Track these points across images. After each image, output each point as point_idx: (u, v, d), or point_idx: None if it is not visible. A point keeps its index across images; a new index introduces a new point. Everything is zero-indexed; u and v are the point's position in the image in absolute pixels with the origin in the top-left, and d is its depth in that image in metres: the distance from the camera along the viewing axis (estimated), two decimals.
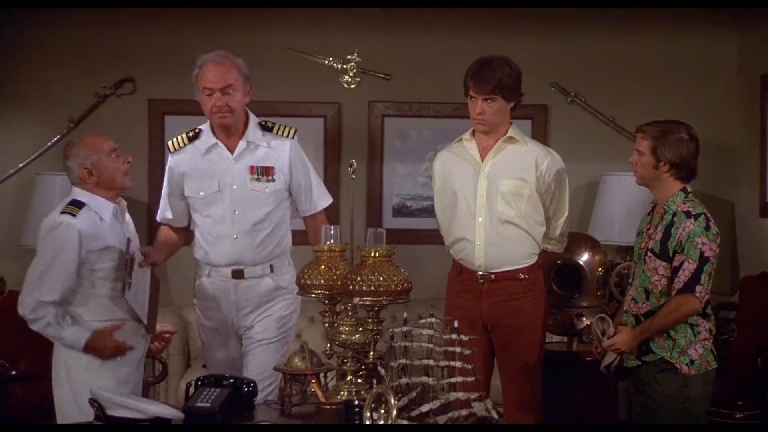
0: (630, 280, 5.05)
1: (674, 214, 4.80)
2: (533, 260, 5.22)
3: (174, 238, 5.30)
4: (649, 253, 4.81)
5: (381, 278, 3.97)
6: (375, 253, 4.02)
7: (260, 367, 5.00)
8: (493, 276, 5.11)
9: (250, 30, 7.57)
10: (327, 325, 4.24)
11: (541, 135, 7.64)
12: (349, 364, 4.13)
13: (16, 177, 7.49)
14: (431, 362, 3.86)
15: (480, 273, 5.12)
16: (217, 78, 4.95)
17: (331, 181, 7.68)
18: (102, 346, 4.54)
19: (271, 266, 5.17)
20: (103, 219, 4.63)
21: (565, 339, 6.27)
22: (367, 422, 3.83)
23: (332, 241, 4.23)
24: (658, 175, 4.86)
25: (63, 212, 4.57)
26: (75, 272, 4.55)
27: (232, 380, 4.38)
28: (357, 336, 4.07)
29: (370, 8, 7.28)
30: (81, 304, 4.61)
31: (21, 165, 7.46)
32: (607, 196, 7.43)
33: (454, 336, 3.82)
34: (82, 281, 4.60)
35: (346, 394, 4.08)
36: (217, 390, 4.29)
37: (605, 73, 7.86)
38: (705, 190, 7.85)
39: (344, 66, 7.47)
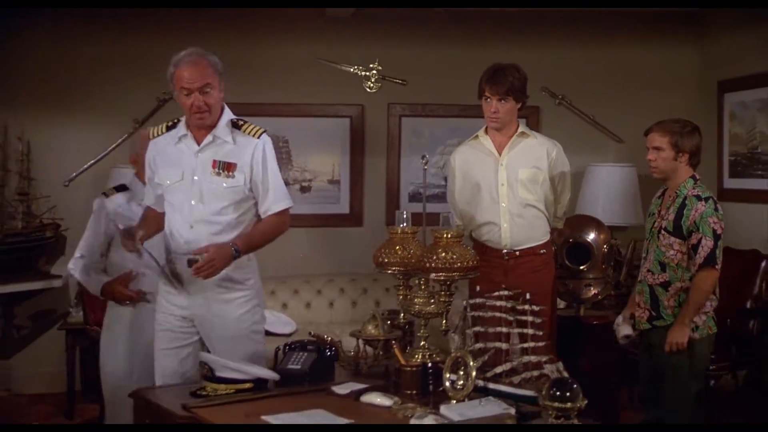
0: (644, 255, 4.90)
1: (685, 198, 4.75)
2: (548, 237, 5.16)
3: (159, 215, 4.51)
4: (663, 232, 4.74)
5: (453, 256, 3.74)
6: (447, 235, 3.78)
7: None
8: (517, 253, 5.01)
9: (288, 41, 7.42)
10: (401, 297, 3.98)
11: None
12: (422, 331, 3.88)
13: (91, 170, 7.19)
14: (504, 329, 3.64)
15: (505, 251, 4.99)
16: (195, 77, 4.24)
17: (356, 171, 7.59)
18: (113, 291, 4.64)
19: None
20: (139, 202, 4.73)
21: (574, 305, 6.08)
22: (447, 383, 3.60)
23: (405, 224, 3.99)
24: (677, 166, 4.81)
25: (102, 193, 5.03)
26: (101, 239, 4.90)
27: (315, 345, 4.14)
28: (431, 307, 3.83)
29: (389, 24, 7.15)
30: (109, 262, 4.91)
31: (93, 161, 7.18)
32: (590, 184, 7.34)
33: (526, 306, 3.61)
34: (110, 246, 4.89)
35: (420, 357, 3.83)
36: (305, 354, 4.07)
37: (587, 79, 7.74)
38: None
39: (367, 73, 7.32)
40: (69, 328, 6.69)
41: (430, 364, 3.80)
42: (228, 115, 4.41)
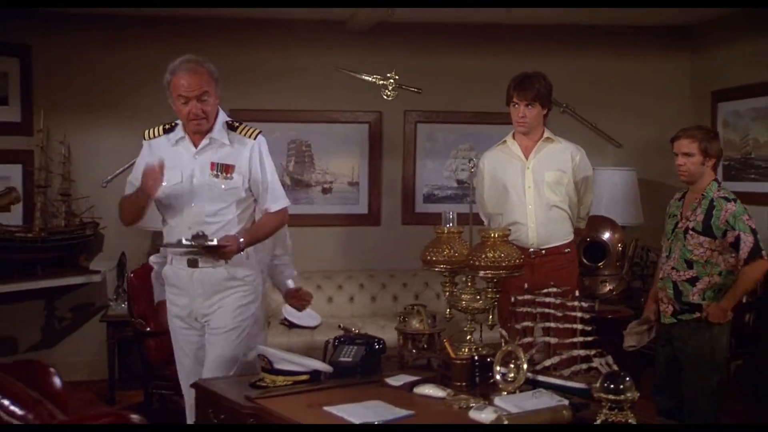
0: (665, 254, 4.83)
1: (712, 200, 4.68)
2: (572, 237, 5.09)
3: None
4: (691, 232, 4.67)
5: (501, 255, 3.65)
6: (494, 234, 3.69)
7: (217, 355, 4.19)
8: (543, 251, 4.94)
9: (311, 52, 7.38)
10: (447, 293, 3.88)
11: None
12: (468, 326, 3.79)
13: (127, 172, 6.96)
14: (552, 324, 3.56)
15: (532, 249, 4.90)
16: (193, 86, 4.04)
17: (374, 174, 7.53)
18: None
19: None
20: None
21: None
22: (498, 376, 3.52)
23: (451, 224, 3.88)
24: (703, 170, 4.74)
25: None
26: None
27: (364, 338, 4.04)
28: (479, 303, 3.74)
29: (405, 37, 7.14)
30: None
31: (128, 164, 6.95)
32: (594, 186, 7.18)
33: (576, 303, 3.53)
34: None
35: (466, 351, 3.74)
36: (355, 347, 3.95)
37: (589, 89, 7.68)
38: (664, 180, 7.74)
39: (384, 82, 7.24)
40: (110, 320, 6.60)
41: (476, 357, 3.72)
42: (222, 117, 4.23)
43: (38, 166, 6.88)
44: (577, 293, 3.60)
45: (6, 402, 2.42)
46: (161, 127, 4.29)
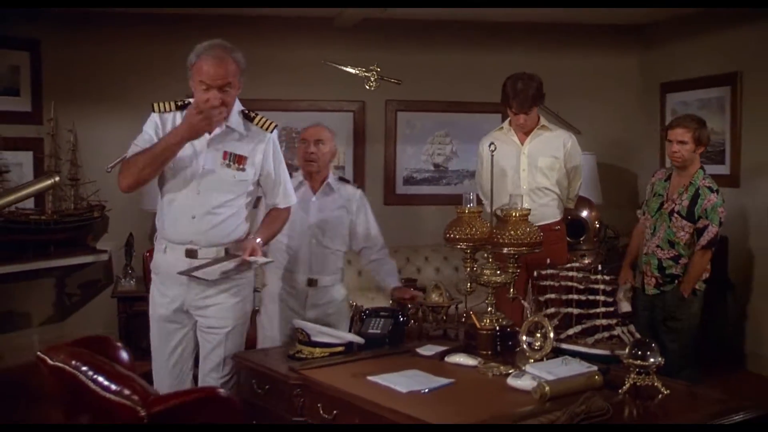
0: (650, 231, 4.77)
1: (698, 188, 4.66)
2: (561, 215, 5.02)
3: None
4: (676, 215, 4.65)
5: (521, 233, 3.52)
6: (515, 214, 3.56)
7: (218, 355, 3.66)
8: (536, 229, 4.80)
9: (301, 46, 7.18)
10: (468, 269, 3.73)
11: None
12: (489, 298, 3.66)
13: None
14: (575, 296, 3.45)
15: None
16: (218, 76, 3.46)
17: (358, 158, 7.39)
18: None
19: (226, 250, 3.63)
20: None
21: None
22: (524, 345, 3.39)
23: (471, 204, 3.73)
24: (694, 156, 4.73)
25: None
26: None
27: (388, 311, 3.89)
28: (501, 277, 3.60)
29: (387, 32, 7.00)
30: None
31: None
32: None
33: (599, 276, 3.42)
34: None
35: (488, 322, 3.61)
36: (381, 320, 3.79)
37: (552, 81, 7.31)
38: (620, 164, 7.75)
39: (368, 74, 7.03)
40: (120, 296, 6.35)
41: (497, 328, 3.59)
42: (238, 105, 3.65)
43: (48, 153, 6.60)
44: (600, 267, 3.47)
45: (101, 378, 2.23)
46: (174, 103, 3.65)
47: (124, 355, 2.69)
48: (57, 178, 5.69)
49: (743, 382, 5.82)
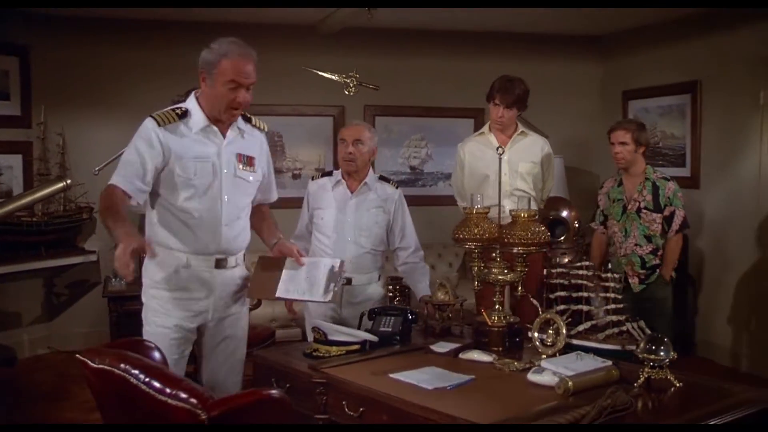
0: (623, 234, 4.79)
1: (654, 182, 4.74)
2: (537, 216, 4.92)
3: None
4: (644, 211, 4.71)
5: (529, 233, 3.45)
6: (524, 215, 3.49)
7: (236, 359, 3.48)
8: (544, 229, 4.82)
9: (284, 52, 7.04)
10: (476, 268, 3.65)
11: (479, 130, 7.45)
12: (497, 296, 3.59)
13: (117, 160, 6.58)
14: (585, 294, 3.39)
15: None
16: (250, 73, 3.21)
17: (338, 161, 7.21)
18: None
19: (244, 255, 3.47)
20: None
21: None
22: (537, 342, 3.33)
23: (479, 205, 3.65)
24: (636, 157, 4.79)
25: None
26: (305, 217, 4.36)
27: (396, 309, 3.79)
28: (510, 275, 3.53)
29: (365, 40, 6.91)
30: None
31: (118, 153, 6.56)
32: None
33: (609, 275, 3.37)
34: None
35: (496, 319, 3.54)
36: (392, 318, 3.68)
37: None
38: (583, 167, 7.76)
39: (347, 80, 6.93)
40: (111, 296, 6.13)
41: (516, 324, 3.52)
42: None
43: (37, 156, 6.41)
44: (609, 266, 3.43)
45: (155, 382, 2.09)
46: (173, 112, 3.26)
47: (158, 356, 2.54)
48: (69, 181, 5.49)
49: (695, 366, 5.91)
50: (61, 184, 5.38)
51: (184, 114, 3.26)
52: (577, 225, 5.73)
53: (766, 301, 5.95)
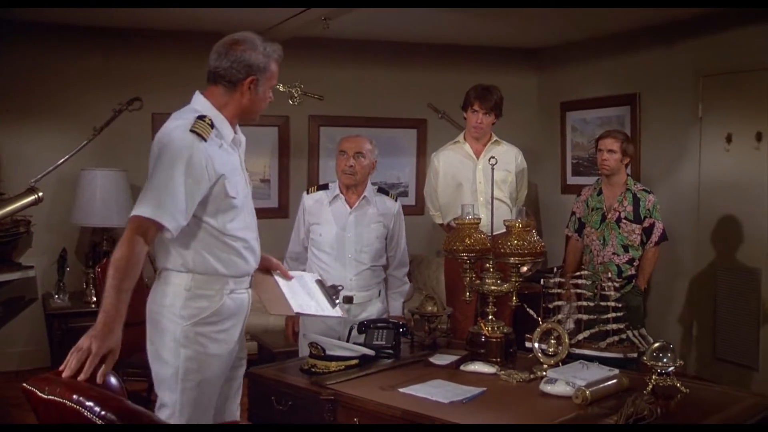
0: (601, 242, 4.84)
1: (635, 194, 4.81)
2: None
3: None
4: (624, 221, 4.73)
5: (524, 243, 3.43)
6: (519, 225, 3.48)
7: (240, 385, 3.21)
8: (491, 237, 4.79)
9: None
10: (468, 279, 3.61)
11: (423, 140, 7.54)
12: (490, 307, 3.55)
13: (55, 171, 6.34)
14: (584, 303, 3.40)
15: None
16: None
17: (283, 169, 7.19)
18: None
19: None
20: None
21: None
22: (539, 354, 3.31)
23: (470, 216, 3.61)
24: (621, 166, 4.86)
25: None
26: (300, 232, 4.27)
27: (386, 322, 3.70)
28: (504, 286, 3.51)
29: (309, 51, 6.81)
30: None
31: (56, 164, 6.32)
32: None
33: (609, 283, 3.38)
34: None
35: (490, 330, 3.51)
36: (384, 331, 3.60)
37: (459, 98, 7.48)
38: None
39: (291, 90, 6.83)
40: (53, 313, 5.82)
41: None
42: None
43: None
44: (610, 274, 3.45)
45: (110, 415, 1.89)
46: (204, 122, 2.84)
47: (114, 380, 2.31)
48: (41, 194, 5.17)
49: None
50: (32, 197, 5.06)
51: (212, 123, 2.86)
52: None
53: (707, 307, 6.13)
